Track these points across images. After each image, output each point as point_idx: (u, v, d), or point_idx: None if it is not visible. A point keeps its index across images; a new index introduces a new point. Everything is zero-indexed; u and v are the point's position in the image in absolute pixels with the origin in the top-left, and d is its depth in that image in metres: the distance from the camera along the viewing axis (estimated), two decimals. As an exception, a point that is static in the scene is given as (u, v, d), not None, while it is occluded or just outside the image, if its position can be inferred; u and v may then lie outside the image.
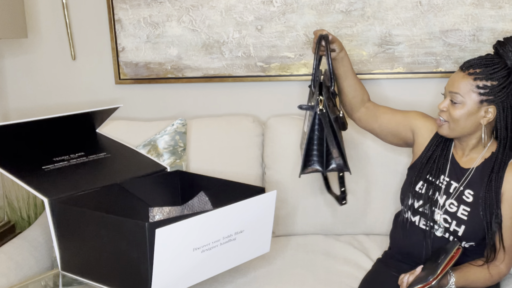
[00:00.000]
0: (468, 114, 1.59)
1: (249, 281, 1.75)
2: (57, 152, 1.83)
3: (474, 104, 1.58)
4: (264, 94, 2.38)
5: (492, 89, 1.56)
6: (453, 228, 1.61)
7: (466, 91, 1.57)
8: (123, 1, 2.33)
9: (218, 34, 2.31)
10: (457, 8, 2.16)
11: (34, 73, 2.49)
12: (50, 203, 1.60)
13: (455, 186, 1.64)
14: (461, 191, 1.63)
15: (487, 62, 1.58)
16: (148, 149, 2.08)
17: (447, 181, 1.66)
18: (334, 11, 2.23)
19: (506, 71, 1.57)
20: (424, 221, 1.66)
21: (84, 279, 1.60)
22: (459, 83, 1.59)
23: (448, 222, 1.62)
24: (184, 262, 1.44)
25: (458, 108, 1.59)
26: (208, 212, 1.43)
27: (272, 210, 1.61)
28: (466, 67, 1.60)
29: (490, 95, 1.56)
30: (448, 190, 1.65)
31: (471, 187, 1.62)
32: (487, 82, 1.56)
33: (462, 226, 1.60)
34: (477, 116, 1.59)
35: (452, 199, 1.63)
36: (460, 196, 1.62)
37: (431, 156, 1.70)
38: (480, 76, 1.57)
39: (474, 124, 1.60)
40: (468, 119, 1.59)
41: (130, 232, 1.42)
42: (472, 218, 1.59)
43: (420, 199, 1.67)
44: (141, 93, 2.45)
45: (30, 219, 2.41)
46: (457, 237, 1.61)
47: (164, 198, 1.89)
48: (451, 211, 1.62)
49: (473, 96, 1.57)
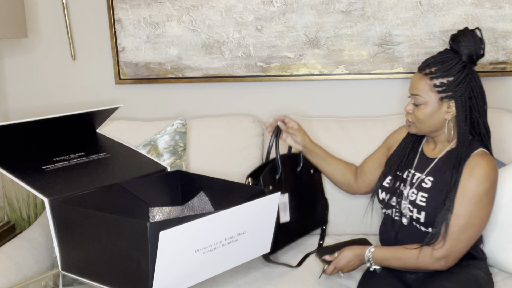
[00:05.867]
0: (432, 113, 1.62)
1: (249, 282, 1.75)
2: (57, 152, 1.82)
3: (435, 103, 1.61)
4: (264, 94, 2.38)
5: (449, 85, 1.59)
6: (416, 216, 1.64)
7: (425, 91, 1.61)
8: (123, 1, 2.33)
9: (218, 34, 2.31)
10: (457, 8, 2.16)
11: (34, 73, 2.49)
12: (50, 203, 1.60)
13: (418, 176, 1.68)
14: (422, 179, 1.66)
15: (442, 59, 1.61)
16: (148, 149, 2.08)
17: (413, 173, 1.70)
18: (334, 11, 2.23)
19: (461, 65, 1.59)
20: (394, 212, 1.71)
21: (84, 279, 1.60)
22: (417, 84, 1.63)
23: (411, 211, 1.65)
24: (186, 263, 1.44)
25: (421, 108, 1.63)
26: (212, 215, 1.43)
27: (275, 212, 1.62)
28: (422, 67, 1.64)
29: (448, 91, 1.59)
30: (412, 181, 1.69)
31: (432, 174, 1.66)
32: (443, 79, 1.59)
33: (422, 212, 1.63)
34: (440, 113, 1.62)
35: (414, 188, 1.67)
36: (420, 184, 1.66)
37: (402, 152, 1.76)
38: (436, 74, 1.60)
39: (439, 121, 1.64)
40: (432, 117, 1.63)
41: (130, 232, 1.42)
42: (430, 204, 1.61)
43: (388, 192, 1.72)
44: (141, 93, 2.45)
45: (30, 219, 2.41)
46: (421, 224, 1.64)
47: (164, 198, 1.89)
48: (412, 199, 1.66)
49: (432, 95, 1.61)
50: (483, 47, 1.63)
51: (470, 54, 1.61)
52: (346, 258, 1.67)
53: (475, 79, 1.61)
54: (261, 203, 1.56)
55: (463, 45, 1.61)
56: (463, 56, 1.61)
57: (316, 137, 2.14)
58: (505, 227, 1.74)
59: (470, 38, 1.61)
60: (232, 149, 2.18)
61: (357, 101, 2.33)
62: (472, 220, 1.56)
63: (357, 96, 2.33)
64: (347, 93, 2.34)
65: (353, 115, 2.33)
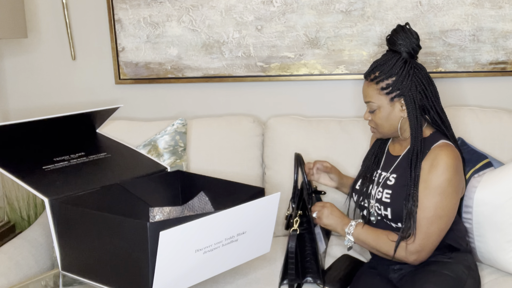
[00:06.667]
0: (387, 115, 1.65)
1: (249, 282, 1.75)
2: (57, 152, 1.83)
3: (387, 104, 1.64)
4: (264, 94, 2.38)
5: (395, 84, 1.61)
6: (384, 213, 1.66)
7: (375, 96, 1.64)
8: (123, 1, 2.33)
9: (218, 34, 2.31)
10: (457, 8, 2.16)
11: (34, 73, 2.49)
12: (50, 203, 1.60)
13: (384, 175, 1.70)
14: (387, 177, 1.69)
15: (382, 62, 1.64)
16: (148, 149, 2.08)
17: (379, 173, 1.73)
18: (334, 11, 2.23)
19: (401, 62, 1.62)
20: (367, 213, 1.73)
21: (84, 279, 1.60)
22: (367, 92, 1.67)
23: (379, 209, 1.67)
24: (186, 263, 1.44)
25: (377, 113, 1.66)
26: (212, 215, 1.43)
27: (275, 212, 1.62)
28: (367, 74, 1.67)
29: (396, 90, 1.62)
30: (379, 180, 1.71)
31: (396, 172, 1.68)
32: (388, 80, 1.62)
33: (388, 209, 1.65)
34: (395, 113, 1.65)
35: (380, 186, 1.69)
36: (385, 182, 1.68)
37: (371, 154, 1.80)
38: (380, 77, 1.63)
39: (397, 121, 1.66)
40: (390, 119, 1.65)
41: (130, 232, 1.42)
42: (394, 200, 1.63)
43: (359, 194, 1.75)
44: (141, 93, 2.45)
45: (30, 219, 2.41)
46: (389, 220, 1.65)
47: (164, 198, 1.89)
48: (378, 197, 1.68)
49: (382, 98, 1.64)
50: (417, 39, 1.65)
51: (408, 50, 1.63)
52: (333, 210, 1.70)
53: (420, 72, 1.63)
54: (261, 203, 1.56)
55: (399, 43, 1.63)
56: (402, 53, 1.64)
57: (316, 137, 2.14)
58: (503, 227, 1.74)
59: (403, 35, 1.64)
60: (232, 149, 2.18)
61: (357, 101, 2.33)
62: (439, 212, 1.58)
63: (357, 96, 2.33)
64: (347, 93, 2.34)
65: (353, 115, 2.33)
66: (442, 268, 1.60)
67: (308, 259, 1.74)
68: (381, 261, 1.72)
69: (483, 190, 1.75)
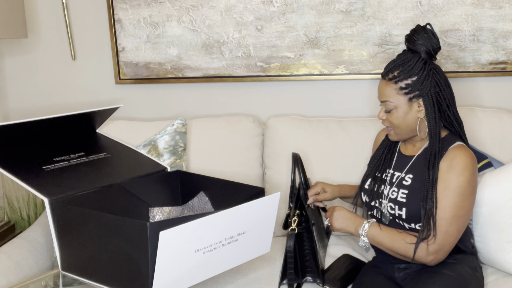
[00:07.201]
0: (405, 116, 1.64)
1: (249, 282, 1.75)
2: (57, 152, 1.83)
3: (405, 105, 1.63)
4: (264, 94, 2.38)
5: (415, 85, 1.60)
6: (398, 213, 1.65)
7: (393, 95, 1.63)
8: (123, 1, 2.33)
9: (218, 34, 2.31)
10: (457, 8, 2.16)
11: (34, 73, 2.49)
12: (50, 203, 1.60)
13: (397, 175, 1.69)
14: (402, 177, 1.68)
15: (402, 61, 1.63)
16: (148, 149, 2.08)
17: (392, 173, 1.71)
18: (334, 11, 2.23)
19: (421, 63, 1.61)
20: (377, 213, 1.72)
21: (84, 279, 1.60)
22: (384, 91, 1.65)
23: (392, 208, 1.66)
24: (186, 263, 1.44)
25: (394, 113, 1.65)
26: (212, 215, 1.43)
27: (275, 212, 1.61)
28: (385, 73, 1.66)
29: (415, 91, 1.61)
30: (392, 180, 1.70)
31: (411, 172, 1.67)
32: (407, 80, 1.61)
33: (403, 208, 1.63)
34: (412, 113, 1.64)
35: (394, 186, 1.68)
36: (401, 182, 1.67)
37: (380, 154, 1.78)
38: (400, 77, 1.61)
39: (414, 121, 1.65)
40: (407, 119, 1.64)
41: (130, 232, 1.42)
42: (410, 200, 1.62)
43: (369, 194, 1.74)
44: (141, 93, 2.45)
45: (30, 219, 2.41)
46: (403, 220, 1.64)
47: (164, 198, 1.89)
48: (392, 197, 1.67)
49: (401, 98, 1.62)
50: (437, 40, 1.64)
51: (428, 50, 1.63)
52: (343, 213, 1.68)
53: (439, 73, 1.63)
54: (261, 203, 1.55)
55: (419, 43, 1.63)
56: (422, 53, 1.63)
57: (316, 137, 2.14)
58: (503, 227, 1.74)
59: (423, 35, 1.63)
60: (232, 149, 2.18)
61: (357, 101, 2.33)
62: (458, 211, 1.57)
63: (357, 96, 2.33)
64: (347, 93, 2.34)
65: (353, 115, 2.33)
66: (446, 269, 1.60)
67: (307, 258, 1.74)
68: (386, 260, 1.71)
69: (483, 190, 1.75)
